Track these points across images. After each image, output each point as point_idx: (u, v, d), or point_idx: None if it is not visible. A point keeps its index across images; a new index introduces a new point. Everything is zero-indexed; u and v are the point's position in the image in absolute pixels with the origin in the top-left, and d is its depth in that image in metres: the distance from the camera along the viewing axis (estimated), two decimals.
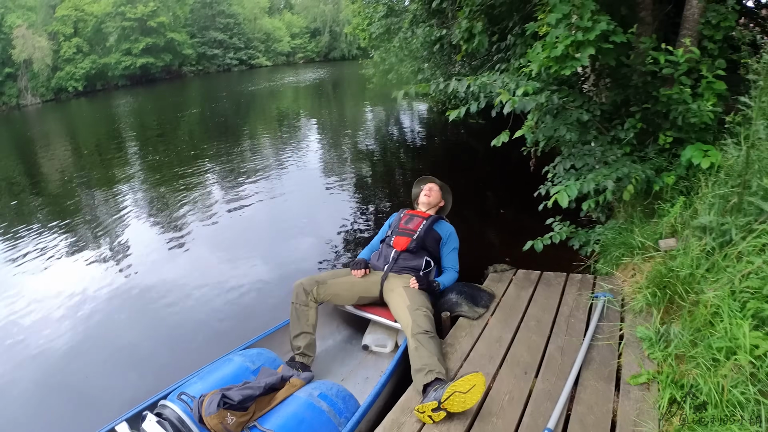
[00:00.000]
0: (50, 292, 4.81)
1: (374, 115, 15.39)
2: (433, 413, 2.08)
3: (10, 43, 38.15)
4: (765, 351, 1.81)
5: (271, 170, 9.00)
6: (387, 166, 9.15)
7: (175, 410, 2.13)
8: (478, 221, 5.48)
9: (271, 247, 5.54)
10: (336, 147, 11.27)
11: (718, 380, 1.85)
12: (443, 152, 10.01)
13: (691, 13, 3.69)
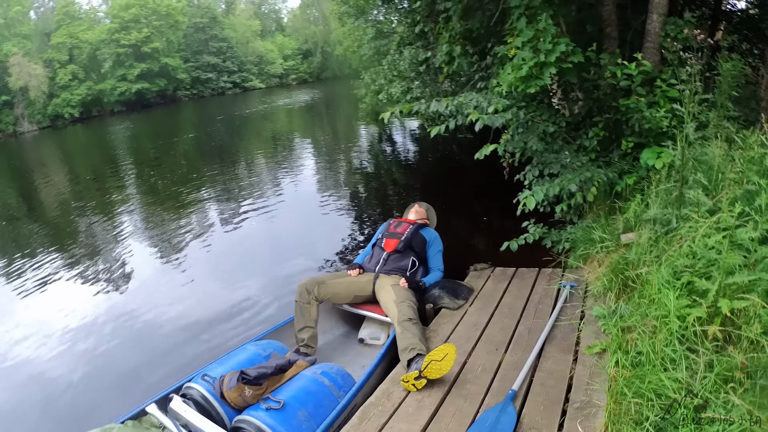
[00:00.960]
0: (58, 313, 5.16)
1: (367, 133, 15.86)
2: (415, 381, 2.46)
3: (6, 70, 38.75)
4: (694, 317, 2.20)
5: (267, 190, 9.40)
6: (380, 182, 9.57)
7: (199, 389, 2.52)
8: (465, 228, 5.90)
9: (269, 259, 5.96)
10: (330, 165, 11.72)
11: (654, 342, 2.24)
12: (434, 166, 10.46)
13: (652, 27, 4.15)
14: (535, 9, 3.89)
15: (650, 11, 4.16)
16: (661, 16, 4.10)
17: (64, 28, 42.60)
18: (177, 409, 2.41)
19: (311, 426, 2.32)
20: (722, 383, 1.91)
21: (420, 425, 2.21)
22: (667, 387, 1.92)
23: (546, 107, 4.33)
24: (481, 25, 5.36)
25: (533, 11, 3.90)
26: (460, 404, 2.34)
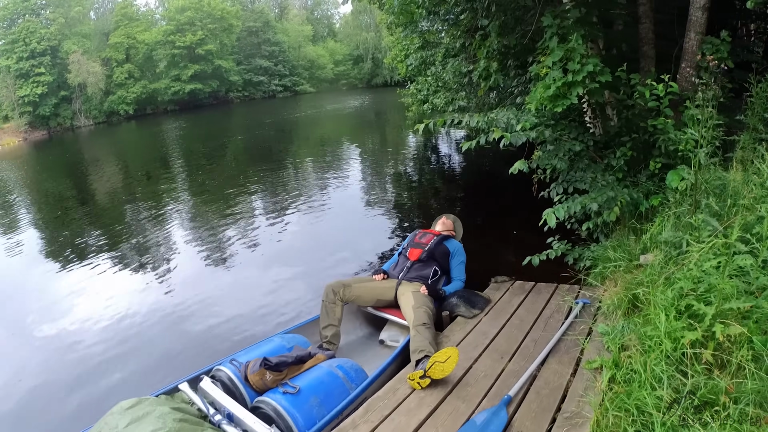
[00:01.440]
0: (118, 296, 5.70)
1: (413, 141, 16.12)
2: (420, 380, 2.69)
3: (66, 67, 41.42)
4: (689, 339, 2.32)
5: (312, 193, 9.88)
6: (421, 190, 9.87)
7: (227, 372, 2.89)
8: (493, 240, 6.08)
9: (305, 259, 6.34)
10: (375, 172, 12.10)
11: (646, 360, 2.37)
12: (474, 177, 10.63)
13: (689, 46, 4.21)
14: (567, 29, 4.02)
15: (688, 29, 4.21)
16: (698, 35, 4.15)
17: (122, 28, 45.08)
18: (206, 388, 2.76)
19: (322, 412, 2.59)
20: (704, 406, 2.04)
21: (418, 420, 2.43)
22: (648, 404, 2.05)
23: (575, 126, 4.45)
24: (518, 42, 5.51)
25: (565, 30, 4.03)
26: (458, 404, 2.54)
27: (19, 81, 40.22)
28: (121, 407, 2.48)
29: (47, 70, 40.68)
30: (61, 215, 10.71)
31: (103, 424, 2.42)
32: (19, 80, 40.27)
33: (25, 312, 5.54)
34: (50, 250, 8.05)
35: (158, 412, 2.37)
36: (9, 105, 40.24)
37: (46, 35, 40.81)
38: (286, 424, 2.49)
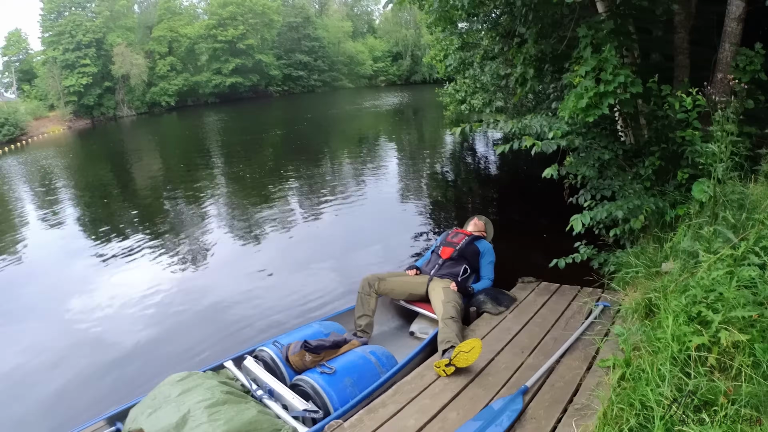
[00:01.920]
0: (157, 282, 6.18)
1: (450, 141, 16.32)
2: (446, 368, 2.97)
3: (110, 59, 43.11)
4: (695, 344, 2.52)
5: (348, 188, 10.28)
6: (456, 190, 10.17)
7: (269, 352, 3.24)
8: (523, 241, 6.30)
9: (341, 252, 6.75)
10: (411, 170, 12.42)
11: (653, 361, 2.59)
12: (509, 178, 10.82)
13: (723, 56, 4.32)
14: (601, 39, 4.19)
15: (722, 40, 4.31)
16: (733, 46, 4.25)
17: (165, 22, 46.61)
18: (249, 366, 3.13)
19: (354, 392, 2.92)
20: (703, 406, 2.25)
21: (441, 403, 2.72)
22: (651, 400, 2.27)
23: (606, 134, 4.63)
24: (555, 50, 5.69)
25: (599, 41, 4.20)
26: (479, 391, 2.81)
27: (65, 71, 42.06)
28: (172, 379, 2.85)
29: (92, 62, 42.44)
30: (104, 202, 11.41)
31: (156, 393, 2.78)
32: (65, 71, 42.10)
33: (69, 295, 6.05)
34: (92, 236, 8.64)
35: (207, 384, 2.73)
36: (55, 94, 42.23)
37: (92, 28, 42.60)
38: (322, 400, 2.82)
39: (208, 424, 2.37)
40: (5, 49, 48.60)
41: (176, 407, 2.51)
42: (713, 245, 2.78)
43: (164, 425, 2.41)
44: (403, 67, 58.12)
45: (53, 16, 43.32)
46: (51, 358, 4.58)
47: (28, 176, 17.66)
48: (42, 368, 4.41)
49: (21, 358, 4.64)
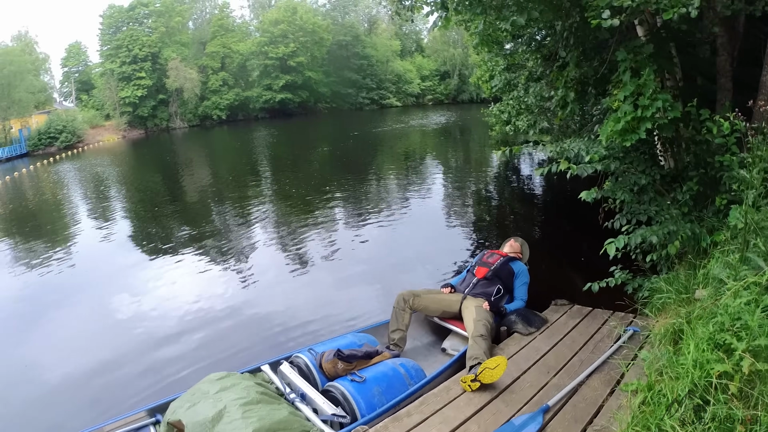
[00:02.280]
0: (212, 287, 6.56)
1: (495, 160, 16.35)
2: (471, 383, 3.09)
3: (165, 73, 45.66)
4: (717, 371, 2.56)
5: (392, 206, 10.54)
6: (499, 210, 10.28)
7: (304, 359, 3.45)
8: (561, 264, 6.36)
9: (381, 267, 7.00)
10: (456, 189, 12.58)
11: (674, 386, 2.64)
12: (553, 199, 10.81)
13: (766, 80, 4.31)
14: (640, 63, 4.25)
15: (765, 62, 4.29)
16: None
17: (219, 38, 48.89)
18: (285, 371, 3.35)
19: (382, 401, 3.07)
20: None
21: (464, 416, 2.83)
22: (666, 424, 2.33)
23: (644, 158, 4.66)
24: (596, 73, 5.75)
25: (638, 65, 4.26)
26: (501, 407, 2.91)
27: (121, 83, 44.90)
28: (212, 377, 3.09)
29: (147, 75, 45.09)
30: (154, 210, 12.06)
31: (196, 389, 3.02)
32: (121, 83, 44.94)
33: (116, 295, 6.51)
34: (141, 241, 9.23)
35: (243, 384, 2.96)
36: (111, 105, 45.05)
37: (148, 42, 45.33)
38: (350, 406, 2.99)
39: (241, 421, 2.58)
40: (66, 60, 52.64)
41: (213, 403, 2.74)
42: (740, 272, 2.80)
43: (201, 419, 2.64)
44: (451, 86, 58.46)
45: (112, 30, 46.27)
46: (98, 352, 4.97)
47: (83, 181, 18.88)
48: (90, 361, 4.79)
49: (71, 351, 5.09)
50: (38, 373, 4.72)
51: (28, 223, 11.95)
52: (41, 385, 4.50)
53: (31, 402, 4.24)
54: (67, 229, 10.73)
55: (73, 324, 5.85)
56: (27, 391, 4.41)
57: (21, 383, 4.59)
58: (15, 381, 4.64)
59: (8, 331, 5.74)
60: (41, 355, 5.13)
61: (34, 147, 36.79)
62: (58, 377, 4.60)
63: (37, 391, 4.40)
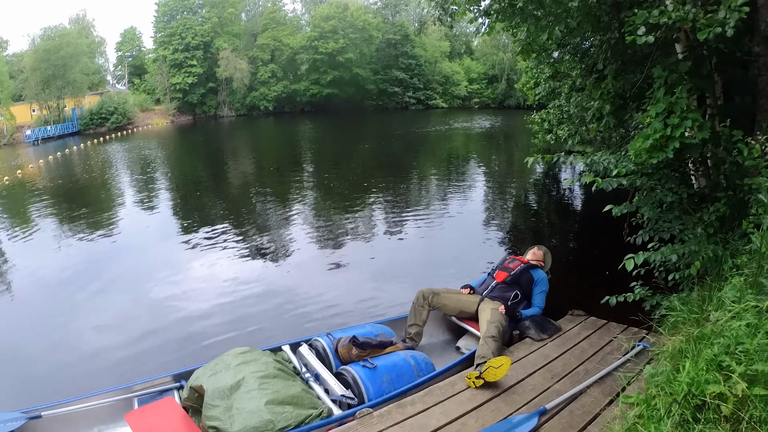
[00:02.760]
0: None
1: (538, 169, 16.29)
2: (476, 380, 3.25)
3: (216, 62, 47.07)
4: (712, 391, 2.63)
5: (431, 206, 10.77)
6: (536, 218, 10.40)
7: (322, 342, 3.73)
8: (584, 275, 6.42)
9: (411, 266, 7.19)
10: (494, 195, 12.69)
11: (668, 401, 2.72)
12: (588, 213, 10.75)
13: None
14: (674, 81, 4.28)
15: None
16: None
17: (270, 31, 49.86)
18: (303, 353, 3.64)
19: (389, 388, 3.30)
20: None
21: (465, 410, 3.00)
22: None
23: (672, 176, 4.67)
24: (633, 86, 5.76)
25: (673, 82, 4.27)
26: (501, 405, 3.06)
27: (173, 70, 46.69)
28: (235, 351, 3.39)
29: (198, 63, 46.67)
30: (196, 194, 12.60)
31: (219, 360, 3.32)
32: (173, 69, 46.71)
33: (155, 272, 6.98)
34: (183, 223, 9.75)
35: (263, 360, 3.24)
36: (162, 90, 46.96)
37: (200, 32, 46.92)
38: (359, 390, 3.22)
39: (257, 391, 2.85)
40: (120, 44, 55.15)
41: (234, 374, 3.03)
42: (745, 295, 2.86)
43: (221, 386, 2.92)
44: (498, 91, 57.81)
45: (166, 18, 48.01)
46: (133, 321, 5.45)
47: (130, 162, 19.78)
48: (124, 329, 5.27)
49: (109, 319, 5.56)
50: (76, 337, 5.20)
51: (75, 199, 12.74)
52: (76, 347, 4.96)
53: (66, 363, 4.69)
54: (112, 207, 11.40)
55: (111, 295, 6.31)
56: (65, 352, 4.87)
57: (60, 345, 5.05)
58: (54, 342, 5.10)
59: (52, 298, 6.24)
60: (80, 320, 5.61)
61: (86, 126, 38.86)
62: (95, 342, 5.04)
63: (73, 353, 4.87)
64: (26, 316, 5.79)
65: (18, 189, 14.21)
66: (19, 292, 6.55)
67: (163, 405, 3.28)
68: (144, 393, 3.45)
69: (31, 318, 5.69)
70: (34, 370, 4.57)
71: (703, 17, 3.80)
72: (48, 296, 6.31)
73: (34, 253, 8.08)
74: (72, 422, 3.30)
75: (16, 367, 4.67)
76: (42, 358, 4.80)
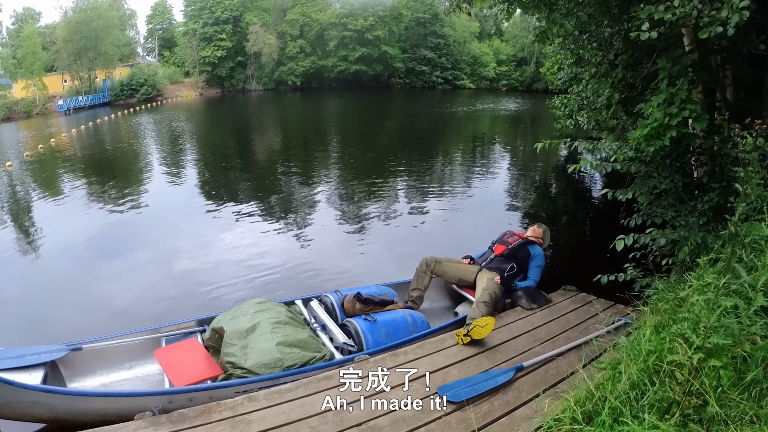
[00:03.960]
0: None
1: (562, 153, 16.36)
2: (463, 337, 3.61)
3: (245, 36, 47.37)
4: (670, 360, 2.91)
5: (456, 189, 11.04)
6: (554, 201, 10.74)
7: (330, 298, 4.16)
8: (583, 255, 6.70)
9: (426, 240, 7.59)
10: (518, 178, 12.95)
11: (630, 366, 3.00)
12: (598, 197, 10.91)
13: None
14: (677, 73, 4.45)
15: None
16: None
17: (299, 6, 49.82)
18: (313, 306, 4.11)
19: (386, 340, 3.73)
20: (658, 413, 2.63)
21: (450, 362, 3.37)
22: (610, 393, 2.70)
23: (668, 164, 4.88)
24: (642, 78, 5.92)
25: (676, 74, 4.43)
26: (483, 361, 3.43)
27: (202, 43, 47.17)
28: (253, 301, 3.86)
29: (228, 37, 47.05)
30: (222, 165, 13.09)
31: (238, 308, 3.79)
32: (202, 42, 47.20)
33: (179, 236, 7.52)
34: (208, 192, 10.24)
35: (277, 309, 3.71)
36: (191, 63, 47.61)
37: (230, 6, 47.11)
38: (359, 339, 3.66)
39: (270, 334, 3.30)
40: (151, 17, 55.83)
41: (250, 318, 3.50)
42: (706, 273, 3.14)
43: (238, 328, 3.38)
44: (526, 74, 57.00)
45: None
46: (160, 281, 6.00)
47: (159, 133, 20.38)
48: (153, 282, 5.86)
49: (138, 275, 6.12)
50: (109, 291, 5.74)
51: (105, 168, 13.35)
52: (109, 299, 5.50)
53: (101, 313, 5.22)
54: (141, 176, 11.97)
55: (141, 258, 6.82)
56: (100, 304, 5.40)
57: (95, 298, 5.60)
58: (89, 296, 5.65)
59: (83, 260, 6.74)
60: (109, 279, 6.13)
61: (116, 97, 39.74)
62: (125, 296, 5.58)
63: (107, 304, 5.40)
64: (69, 274, 6.32)
65: (51, 157, 14.83)
66: (56, 254, 7.03)
67: (188, 344, 3.75)
68: (171, 334, 3.95)
69: (74, 275, 6.24)
70: (76, 317, 5.13)
71: (708, 14, 3.95)
72: (81, 258, 6.82)
73: (66, 218, 8.61)
74: (107, 355, 3.81)
75: (60, 313, 5.24)
76: (81, 308, 5.35)
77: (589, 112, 11.10)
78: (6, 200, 9.95)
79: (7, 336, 4.58)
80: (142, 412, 2.89)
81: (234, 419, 2.83)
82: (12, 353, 3.34)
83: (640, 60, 5.97)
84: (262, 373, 3.28)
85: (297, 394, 3.06)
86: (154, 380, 3.76)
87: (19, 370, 3.22)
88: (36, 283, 6.05)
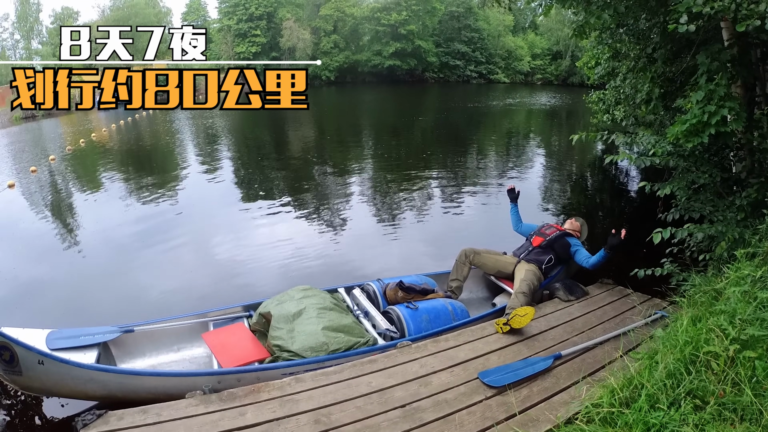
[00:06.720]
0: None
1: (599, 147, 16.15)
2: (503, 326, 3.73)
3: (279, 32, 47.98)
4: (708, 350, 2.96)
5: (490, 182, 11.06)
6: (592, 196, 10.68)
7: (373, 287, 4.34)
8: (621, 251, 6.61)
9: (466, 234, 7.63)
10: (556, 173, 12.85)
11: (669, 357, 3.06)
12: (636, 192, 10.77)
13: None
14: (716, 69, 4.39)
15: None
16: None
17: (333, 2, 50.05)
18: (356, 294, 4.28)
19: (428, 327, 3.86)
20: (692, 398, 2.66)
21: (490, 349, 3.50)
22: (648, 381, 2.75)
23: (707, 159, 4.86)
24: (681, 72, 5.86)
25: (715, 69, 4.38)
26: (522, 348, 3.54)
27: (237, 39, 48.20)
28: (299, 288, 4.05)
29: (262, 33, 47.96)
30: (258, 161, 13.37)
31: (284, 294, 3.99)
32: (237, 38, 48.23)
33: (218, 229, 7.64)
34: (244, 187, 10.43)
35: (322, 296, 3.91)
36: (226, 58, 48.39)
37: (264, 2, 47.91)
38: (401, 326, 3.81)
39: (315, 319, 3.49)
40: (186, 15, 57.13)
41: (296, 304, 3.70)
42: (744, 268, 3.16)
43: (285, 313, 3.59)
44: (562, 68, 55.93)
45: None
46: (205, 270, 6.21)
47: (196, 128, 20.79)
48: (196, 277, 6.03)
49: (181, 266, 6.34)
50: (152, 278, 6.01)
51: (142, 162, 13.69)
52: (154, 287, 5.76)
53: (150, 299, 5.46)
54: (177, 170, 12.30)
55: (182, 246, 7.04)
56: (148, 291, 5.67)
57: (142, 285, 5.85)
58: (136, 283, 5.90)
59: (128, 249, 6.94)
60: (154, 267, 6.39)
61: None
62: (171, 282, 5.86)
63: (155, 290, 5.67)
64: (115, 262, 6.51)
65: (92, 151, 15.22)
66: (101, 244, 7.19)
67: (235, 328, 3.96)
68: (218, 318, 4.15)
69: (120, 263, 6.43)
70: (124, 302, 5.38)
71: (746, 8, 3.92)
72: (126, 247, 6.99)
73: (107, 209, 8.82)
74: (157, 337, 4.00)
75: (111, 299, 5.50)
76: (128, 294, 5.58)
77: (626, 107, 10.94)
78: (50, 192, 10.31)
79: (62, 318, 4.84)
80: (192, 391, 3.04)
81: (282, 398, 2.99)
82: (67, 333, 3.48)
83: (679, 53, 5.93)
84: (307, 356, 3.43)
85: (342, 376, 3.22)
86: (201, 362, 3.93)
87: (74, 350, 3.35)
88: (84, 270, 6.29)
